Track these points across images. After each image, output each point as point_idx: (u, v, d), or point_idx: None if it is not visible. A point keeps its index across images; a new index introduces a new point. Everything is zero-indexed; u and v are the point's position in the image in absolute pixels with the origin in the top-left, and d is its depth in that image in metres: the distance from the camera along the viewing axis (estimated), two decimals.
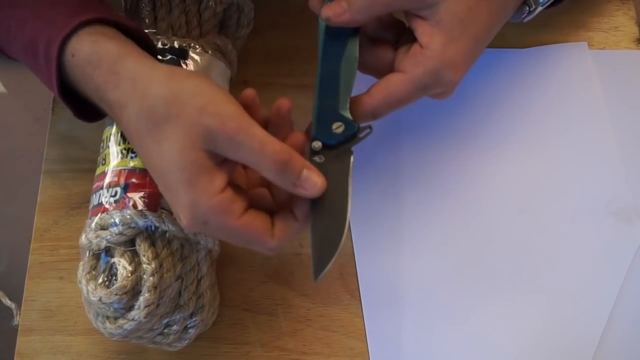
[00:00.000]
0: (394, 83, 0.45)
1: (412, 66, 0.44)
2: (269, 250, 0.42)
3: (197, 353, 0.54)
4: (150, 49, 0.46)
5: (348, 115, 0.45)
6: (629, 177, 0.58)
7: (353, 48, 0.46)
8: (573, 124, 0.60)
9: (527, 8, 0.50)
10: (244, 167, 0.44)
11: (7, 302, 0.58)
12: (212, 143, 0.39)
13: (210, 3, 0.54)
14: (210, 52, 0.53)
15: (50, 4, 0.45)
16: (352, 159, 0.44)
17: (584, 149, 0.59)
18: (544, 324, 0.54)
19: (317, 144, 0.44)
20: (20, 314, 0.55)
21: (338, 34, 0.46)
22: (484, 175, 0.59)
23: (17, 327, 0.55)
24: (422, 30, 0.45)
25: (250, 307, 0.55)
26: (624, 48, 0.63)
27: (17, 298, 0.57)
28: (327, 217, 0.41)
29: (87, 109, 0.45)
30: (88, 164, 0.53)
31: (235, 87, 0.60)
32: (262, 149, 0.38)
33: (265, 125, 0.43)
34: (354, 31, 0.46)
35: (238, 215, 0.40)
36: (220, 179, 0.39)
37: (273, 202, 0.43)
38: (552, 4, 0.52)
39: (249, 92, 0.43)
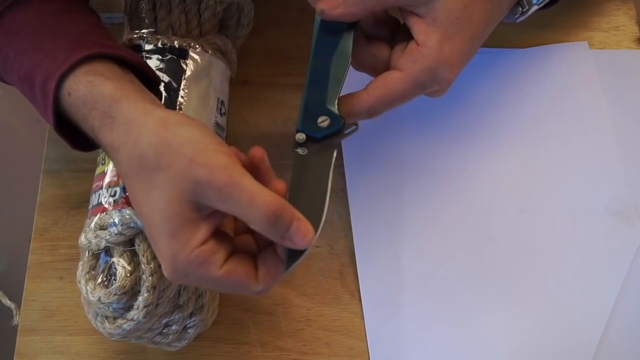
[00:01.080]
0: (392, 80, 0.45)
1: (410, 64, 0.45)
2: (257, 294, 0.41)
3: (197, 353, 0.54)
4: (150, 79, 0.47)
5: (335, 110, 0.45)
6: (629, 177, 0.58)
7: (346, 44, 0.46)
8: (573, 124, 0.60)
9: (520, 9, 0.50)
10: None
11: (7, 302, 0.58)
12: (201, 195, 0.38)
13: (210, 3, 0.54)
14: (210, 51, 0.53)
15: (52, 37, 0.45)
16: (334, 153, 0.44)
17: (584, 148, 0.59)
18: (544, 324, 0.54)
19: (301, 136, 0.44)
20: (20, 314, 0.55)
21: (332, 29, 0.46)
22: (484, 175, 0.58)
23: (17, 327, 0.55)
24: (418, 27, 0.45)
25: (250, 307, 0.55)
26: (624, 48, 0.63)
27: (16, 298, 0.57)
28: (304, 210, 0.40)
29: (83, 139, 0.45)
30: (88, 163, 0.53)
31: (235, 87, 0.60)
32: (251, 201, 0.37)
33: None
34: (349, 27, 0.46)
35: (218, 266, 0.39)
36: (203, 232, 0.39)
37: (256, 247, 0.43)
38: (546, 5, 0.52)
39: (257, 152, 0.41)
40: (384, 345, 0.53)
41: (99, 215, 0.47)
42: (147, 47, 0.52)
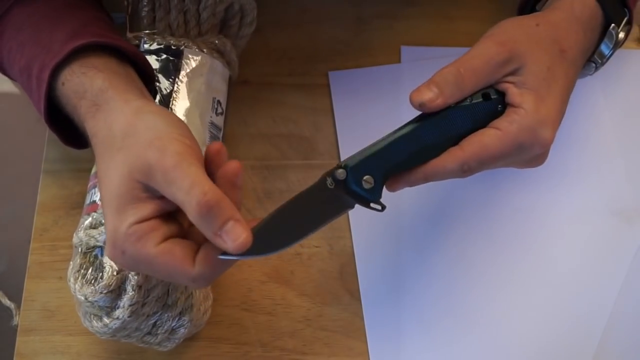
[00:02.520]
0: (488, 137, 0.44)
1: (507, 124, 0.44)
2: (193, 282, 0.39)
3: (197, 353, 0.54)
4: (146, 71, 0.47)
5: (382, 182, 0.43)
6: (629, 177, 0.58)
7: (446, 145, 0.44)
8: (573, 124, 0.60)
9: (594, 65, 0.51)
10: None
11: (7, 302, 0.58)
12: (149, 177, 0.38)
13: (209, 2, 0.54)
14: (205, 51, 0.53)
15: (50, 28, 0.46)
16: (348, 210, 0.43)
17: (584, 148, 0.59)
18: (544, 324, 0.54)
19: (342, 174, 0.43)
20: (19, 314, 0.55)
21: (447, 126, 0.45)
22: (485, 175, 0.58)
23: (17, 327, 0.55)
24: (511, 91, 0.45)
25: (250, 307, 0.55)
26: (624, 48, 0.63)
27: (16, 298, 0.57)
28: (286, 222, 0.40)
29: (75, 136, 0.46)
30: (88, 163, 0.53)
31: (235, 87, 0.60)
32: (190, 188, 0.37)
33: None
34: (457, 135, 0.45)
35: (155, 243, 0.38)
36: (147, 210, 0.38)
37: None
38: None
39: (232, 167, 0.40)
40: (384, 345, 0.53)
41: (91, 214, 0.48)
42: (144, 47, 0.52)
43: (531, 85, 0.45)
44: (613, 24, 0.50)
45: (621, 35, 0.51)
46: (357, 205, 0.44)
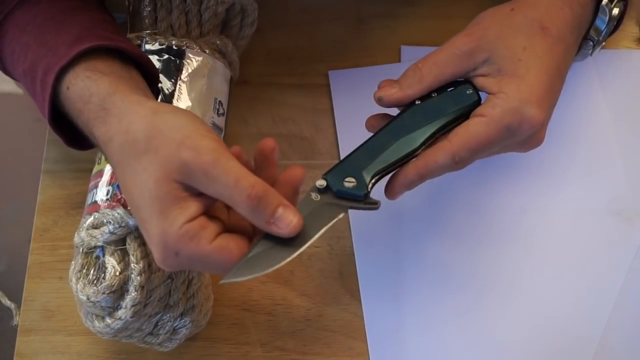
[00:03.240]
0: (474, 125, 0.44)
1: (491, 109, 0.44)
2: None
3: (197, 353, 0.54)
4: (150, 73, 0.47)
5: (366, 180, 0.44)
6: (629, 177, 0.58)
7: (420, 137, 0.45)
8: (573, 124, 0.60)
9: (591, 43, 0.50)
10: (227, 207, 0.43)
11: (7, 302, 0.58)
12: (188, 176, 0.38)
13: (211, 3, 0.54)
14: (207, 51, 0.53)
15: (55, 30, 0.45)
16: (340, 216, 0.43)
17: (584, 148, 0.59)
18: (544, 324, 0.54)
19: (321, 182, 0.43)
20: (19, 314, 0.55)
21: (419, 119, 0.45)
22: (485, 174, 0.58)
23: (17, 327, 0.55)
24: (488, 84, 0.45)
25: (250, 307, 0.55)
26: (624, 47, 0.63)
27: (16, 298, 0.57)
28: (280, 242, 0.40)
29: (78, 138, 0.46)
30: (88, 164, 0.53)
31: (235, 87, 0.60)
32: (236, 183, 0.38)
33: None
34: (430, 121, 0.45)
35: (209, 240, 0.39)
36: (192, 209, 0.39)
37: (252, 230, 0.42)
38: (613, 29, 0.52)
39: (269, 143, 0.42)
40: (384, 345, 0.53)
41: (92, 214, 0.47)
42: (146, 47, 0.52)
43: (507, 70, 0.44)
44: (605, 0, 0.49)
45: (615, 11, 0.50)
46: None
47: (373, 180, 0.44)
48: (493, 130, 0.44)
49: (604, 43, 0.52)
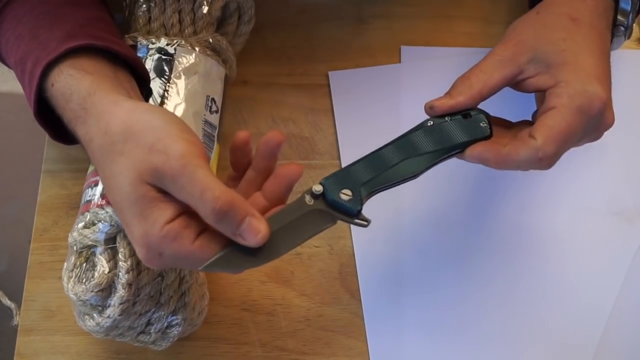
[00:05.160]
0: (550, 118, 0.44)
1: (557, 98, 0.44)
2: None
3: (196, 353, 0.54)
4: (140, 73, 0.47)
5: (362, 196, 0.43)
6: (629, 177, 0.58)
7: (425, 161, 0.45)
8: None
9: (622, 28, 0.51)
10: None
11: (7, 302, 0.58)
12: (159, 180, 0.38)
13: (204, 1, 0.54)
14: (199, 49, 0.53)
15: (50, 26, 0.45)
16: (330, 225, 0.43)
17: (584, 148, 0.59)
18: (544, 323, 0.54)
19: (318, 188, 0.43)
20: (20, 314, 0.55)
21: (428, 142, 0.45)
22: (484, 174, 0.58)
23: (17, 327, 0.55)
24: (541, 81, 0.45)
25: (250, 307, 0.55)
26: (624, 48, 0.63)
27: (16, 298, 0.57)
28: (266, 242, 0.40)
29: (65, 132, 0.46)
30: (88, 164, 0.53)
31: (235, 86, 0.60)
32: (201, 194, 0.37)
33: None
34: (440, 153, 0.45)
35: (191, 239, 0.39)
36: (172, 209, 0.39)
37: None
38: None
39: (241, 136, 0.42)
40: (384, 345, 0.53)
41: (84, 213, 0.48)
42: (139, 47, 0.52)
43: (556, 61, 0.45)
44: None
45: None
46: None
47: (368, 196, 0.44)
48: (569, 116, 0.44)
49: (632, 25, 0.52)
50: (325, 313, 0.55)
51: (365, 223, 0.43)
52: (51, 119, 0.46)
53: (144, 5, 0.54)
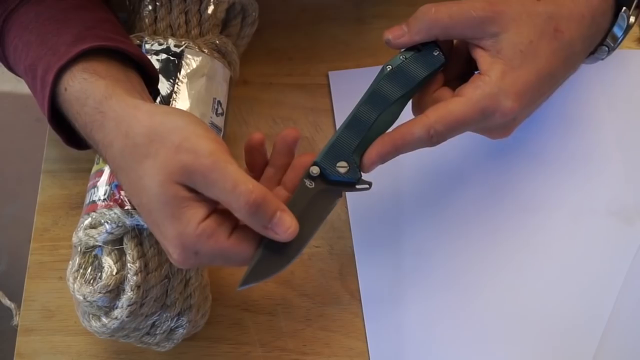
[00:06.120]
0: (452, 102, 0.45)
1: (471, 90, 0.44)
2: None
3: (197, 353, 0.54)
4: (150, 74, 0.47)
5: (357, 162, 0.44)
6: (629, 177, 0.58)
7: (398, 108, 0.46)
8: (573, 124, 0.60)
9: (607, 49, 0.50)
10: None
11: (7, 302, 0.58)
12: (189, 179, 0.39)
13: (211, 3, 0.54)
14: (207, 51, 0.53)
15: (57, 31, 0.45)
16: (337, 201, 0.44)
17: (584, 148, 0.59)
18: (544, 324, 0.54)
19: (315, 169, 0.44)
20: (19, 314, 0.55)
21: (395, 88, 0.46)
22: (484, 174, 0.58)
23: (17, 327, 0.55)
24: (482, 59, 0.45)
25: (250, 307, 0.55)
26: (624, 48, 0.63)
27: (16, 298, 0.57)
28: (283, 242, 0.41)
29: (77, 137, 0.46)
30: (88, 163, 0.53)
31: (235, 87, 0.60)
32: (234, 188, 0.38)
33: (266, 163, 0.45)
34: (406, 95, 0.46)
35: (227, 235, 0.40)
36: (204, 208, 0.39)
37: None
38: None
39: (257, 137, 0.43)
40: (384, 345, 0.53)
41: (90, 213, 0.47)
42: (145, 47, 0.52)
43: (504, 54, 0.44)
44: (625, 7, 0.49)
45: (632, 19, 0.50)
46: (354, 202, 0.44)
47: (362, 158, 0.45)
48: (470, 110, 0.44)
49: (617, 48, 0.52)
50: (325, 313, 0.55)
51: (368, 187, 0.45)
52: (64, 124, 0.46)
53: (150, 5, 0.54)
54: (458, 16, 0.45)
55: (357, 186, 0.44)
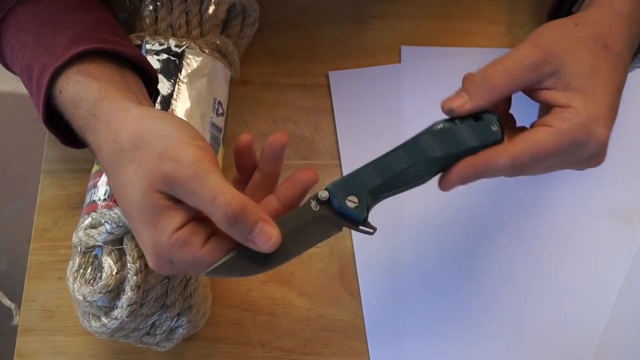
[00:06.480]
0: (542, 133, 0.43)
1: (559, 121, 0.43)
2: None
3: (197, 353, 0.54)
4: (148, 75, 0.47)
5: (369, 203, 0.43)
6: (629, 177, 0.58)
7: (434, 165, 0.43)
8: None
9: None
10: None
11: (7, 302, 0.58)
12: (170, 188, 0.38)
13: (212, 3, 0.54)
14: (207, 52, 0.53)
15: (54, 32, 0.45)
16: (336, 233, 0.42)
17: None
18: (544, 324, 0.54)
19: (324, 194, 0.42)
20: (19, 314, 0.55)
21: (438, 147, 0.43)
22: None
23: (17, 327, 0.55)
24: (555, 97, 0.44)
25: (250, 307, 0.55)
26: None
27: (16, 298, 0.57)
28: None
29: (74, 137, 0.46)
30: (88, 163, 0.53)
31: (235, 87, 0.60)
32: (213, 200, 0.37)
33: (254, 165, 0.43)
34: (448, 157, 0.43)
35: (200, 246, 0.39)
36: (180, 217, 0.39)
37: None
38: None
39: (244, 139, 0.42)
40: (384, 345, 0.53)
41: (90, 214, 0.47)
42: (146, 47, 0.52)
43: (575, 85, 0.44)
44: None
45: None
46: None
47: (374, 202, 0.43)
48: (560, 142, 0.43)
49: None
50: (325, 313, 0.55)
51: (371, 231, 0.43)
52: (60, 125, 0.46)
53: (150, 6, 0.54)
54: (514, 70, 0.44)
55: (361, 227, 0.43)
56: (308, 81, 0.63)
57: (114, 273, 0.46)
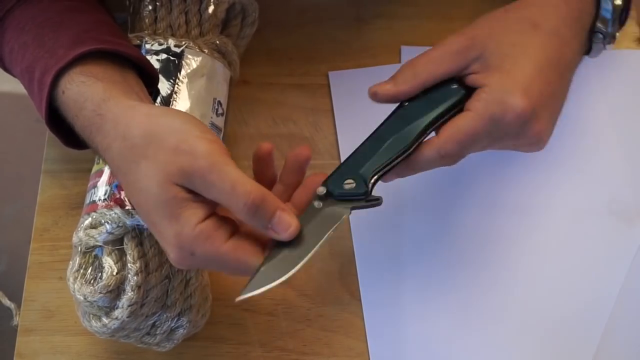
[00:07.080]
0: (460, 119, 0.45)
1: (476, 102, 0.45)
2: None
3: (197, 353, 0.54)
4: (149, 74, 0.47)
5: (366, 178, 0.44)
6: (629, 177, 0.58)
7: (412, 133, 0.45)
8: (573, 124, 0.60)
9: (600, 35, 0.49)
10: None
11: (7, 302, 0.58)
12: (188, 181, 0.39)
13: (211, 3, 0.54)
14: (207, 51, 0.53)
15: (54, 33, 0.45)
16: (344, 217, 0.43)
17: (584, 148, 0.59)
18: (545, 323, 0.54)
19: (321, 190, 0.43)
20: (19, 314, 0.55)
21: (409, 116, 0.46)
22: (484, 174, 0.58)
23: (17, 327, 0.55)
24: (477, 79, 0.45)
25: (250, 307, 0.55)
26: (624, 48, 0.63)
27: (16, 298, 0.57)
28: (287, 251, 0.40)
29: (76, 138, 0.46)
30: (88, 163, 0.53)
31: (235, 87, 0.60)
32: (232, 189, 0.38)
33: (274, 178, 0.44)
34: (423, 126, 0.46)
35: (224, 240, 0.39)
36: (202, 210, 0.39)
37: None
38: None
39: (265, 147, 0.43)
40: (384, 345, 0.53)
41: (90, 213, 0.47)
42: (146, 47, 0.52)
43: (494, 64, 0.45)
44: None
45: (618, 0, 0.49)
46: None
47: (373, 180, 0.44)
48: (478, 122, 0.44)
49: (616, 34, 0.51)
50: (325, 313, 0.55)
51: (377, 202, 0.44)
52: (62, 126, 0.46)
53: (150, 6, 0.54)
54: (438, 57, 0.46)
55: (367, 200, 0.44)
56: (308, 81, 0.63)
57: (114, 273, 0.46)
